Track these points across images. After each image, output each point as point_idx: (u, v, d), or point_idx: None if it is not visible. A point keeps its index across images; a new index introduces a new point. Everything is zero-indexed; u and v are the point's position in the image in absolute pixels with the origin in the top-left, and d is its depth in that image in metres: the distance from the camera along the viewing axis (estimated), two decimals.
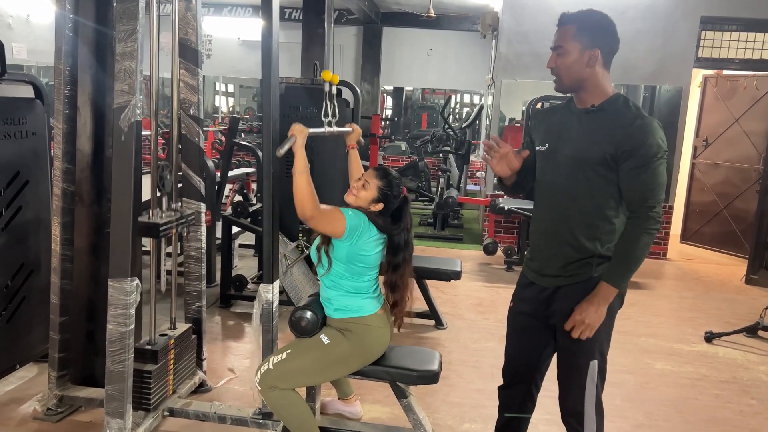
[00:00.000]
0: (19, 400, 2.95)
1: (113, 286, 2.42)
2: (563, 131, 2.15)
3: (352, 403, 2.99)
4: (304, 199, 2.32)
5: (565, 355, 2.22)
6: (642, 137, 1.99)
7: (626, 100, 2.09)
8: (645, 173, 2.00)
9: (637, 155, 1.99)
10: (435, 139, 8.81)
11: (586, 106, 2.11)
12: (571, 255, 2.13)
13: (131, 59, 2.36)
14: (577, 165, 2.07)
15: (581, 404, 2.17)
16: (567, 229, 2.13)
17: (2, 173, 2.90)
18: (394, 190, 2.46)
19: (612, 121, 2.04)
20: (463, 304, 4.84)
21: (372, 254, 2.45)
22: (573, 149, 2.09)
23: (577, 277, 2.13)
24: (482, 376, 3.57)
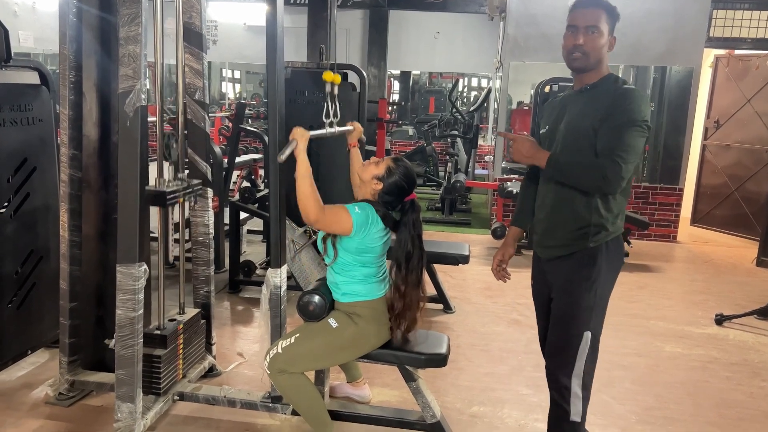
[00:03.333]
0: (31, 385, 2.98)
1: (121, 272, 2.43)
2: (561, 113, 2.25)
3: (361, 387, 3.00)
4: (307, 203, 2.31)
5: (557, 324, 2.25)
6: (622, 102, 2.06)
7: (617, 78, 2.18)
8: (617, 131, 2.03)
9: (613, 116, 2.05)
10: (442, 123, 8.76)
11: (581, 87, 2.21)
12: (569, 226, 2.18)
13: (135, 43, 2.34)
14: (571, 138, 2.15)
15: (569, 378, 2.20)
16: (565, 200, 2.18)
17: (10, 160, 2.91)
18: (401, 173, 2.44)
19: (601, 95, 2.13)
20: (471, 289, 4.83)
21: (380, 245, 2.44)
22: (567, 125, 2.18)
23: (572, 247, 2.19)
24: (491, 360, 3.57)
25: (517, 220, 2.55)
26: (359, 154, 2.79)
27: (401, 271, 2.46)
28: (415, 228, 2.48)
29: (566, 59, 2.21)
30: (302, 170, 2.33)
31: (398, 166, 2.45)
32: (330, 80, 2.64)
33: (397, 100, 12.81)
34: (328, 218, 2.35)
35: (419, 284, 2.52)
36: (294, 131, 2.36)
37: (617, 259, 2.24)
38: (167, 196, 2.59)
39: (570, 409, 2.20)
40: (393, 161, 2.47)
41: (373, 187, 2.45)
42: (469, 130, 8.01)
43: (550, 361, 2.31)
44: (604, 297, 2.21)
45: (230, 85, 13.24)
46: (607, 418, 2.97)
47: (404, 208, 2.48)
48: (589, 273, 2.17)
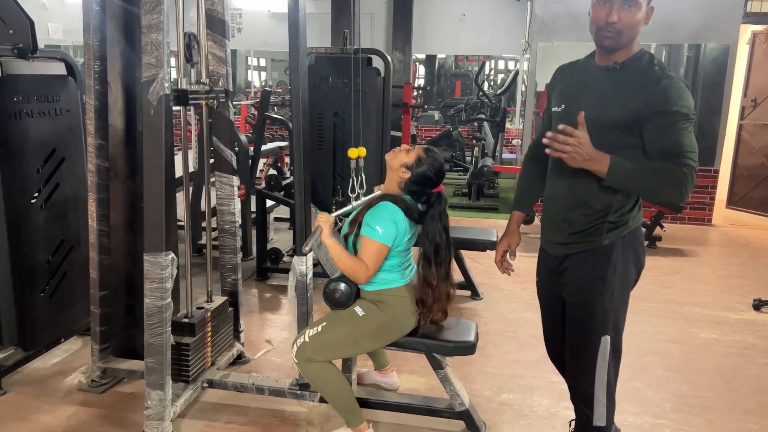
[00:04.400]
0: (65, 372, 3.03)
1: (149, 261, 2.44)
2: (581, 91, 2.01)
3: (389, 374, 2.98)
4: (354, 274, 2.36)
5: (574, 329, 2.10)
6: (670, 98, 1.83)
7: (651, 58, 1.94)
8: (676, 133, 1.82)
9: (665, 116, 1.83)
10: (469, 107, 8.64)
11: (609, 64, 1.96)
12: (580, 220, 2.02)
13: (157, 31, 2.33)
14: (595, 127, 1.88)
15: (591, 385, 2.06)
16: (579, 193, 2.00)
17: (39, 151, 2.93)
18: (430, 164, 2.40)
19: (635, 81, 1.90)
20: (499, 275, 4.71)
21: (407, 239, 2.43)
22: (591, 110, 1.90)
23: (585, 245, 2.02)
24: (520, 347, 3.52)
25: (519, 203, 2.38)
26: None
27: (430, 265, 2.43)
28: (442, 220, 2.44)
29: (595, 36, 1.95)
30: (336, 253, 2.36)
31: (428, 157, 2.41)
32: (354, 156, 2.64)
33: (423, 84, 12.70)
34: (373, 264, 2.35)
35: (448, 277, 2.49)
36: (317, 218, 2.39)
37: (636, 253, 2.04)
38: (189, 95, 2.55)
39: (593, 415, 2.08)
40: (424, 151, 2.43)
41: (400, 175, 2.41)
42: (496, 114, 7.89)
43: (569, 366, 2.18)
44: (623, 297, 2.05)
45: (256, 73, 13.26)
46: (639, 406, 2.90)
47: (430, 200, 2.44)
48: (603, 274, 1.99)
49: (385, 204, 2.39)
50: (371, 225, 2.34)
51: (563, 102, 2.06)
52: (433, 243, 2.42)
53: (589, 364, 2.05)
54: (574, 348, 2.13)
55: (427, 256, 2.43)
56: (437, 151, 2.48)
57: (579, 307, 2.06)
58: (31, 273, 2.92)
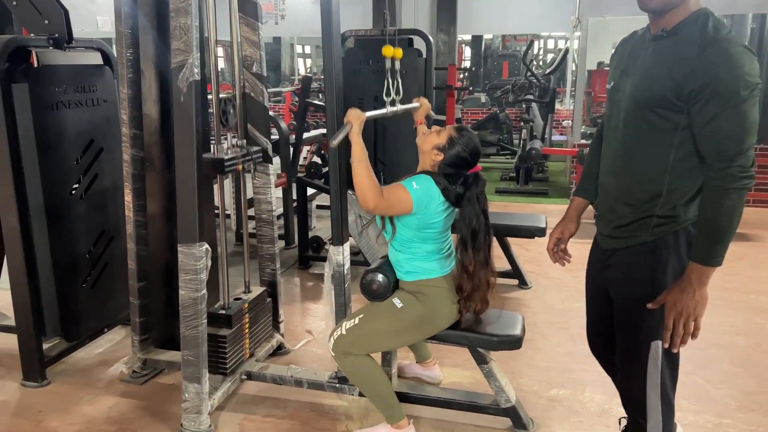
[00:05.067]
0: (108, 362, 3.04)
1: (182, 252, 2.39)
2: (629, 65, 1.80)
3: (431, 367, 2.87)
4: (364, 190, 2.17)
5: (623, 332, 1.91)
6: (713, 71, 1.56)
7: (706, 21, 1.63)
8: (720, 119, 1.58)
9: (707, 95, 1.58)
10: (516, 88, 8.37)
11: (657, 32, 1.71)
12: (625, 213, 1.81)
13: (185, 15, 2.25)
14: (636, 106, 1.71)
15: (642, 391, 1.87)
16: (624, 183, 1.81)
17: (77, 142, 2.93)
18: (464, 144, 2.25)
19: (679, 50, 1.64)
20: (549, 262, 4.48)
21: (441, 220, 2.28)
22: (632, 87, 1.73)
23: (629, 240, 1.82)
24: (571, 339, 3.34)
25: (580, 188, 2.15)
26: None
27: (467, 250, 2.29)
28: (480, 203, 2.29)
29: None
30: (357, 155, 2.19)
31: (461, 136, 2.27)
32: (390, 55, 2.47)
33: (469, 66, 12.42)
34: (387, 202, 2.20)
35: (488, 263, 2.35)
36: (348, 113, 2.22)
37: None
38: (225, 163, 2.50)
39: (647, 423, 1.89)
40: (456, 130, 2.29)
41: (433, 158, 2.28)
42: (545, 94, 7.61)
43: (619, 371, 2.01)
44: None
45: (300, 60, 13.25)
46: (701, 404, 2.71)
47: (467, 182, 2.30)
48: (651, 274, 1.78)
49: (427, 177, 2.26)
50: (409, 180, 2.25)
51: (613, 78, 1.88)
52: (470, 227, 2.28)
53: (639, 370, 1.87)
54: (622, 352, 1.95)
55: (464, 241, 2.30)
56: (470, 129, 2.33)
57: (626, 308, 1.87)
58: (72, 264, 2.93)
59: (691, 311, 1.70)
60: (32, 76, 2.67)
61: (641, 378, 1.86)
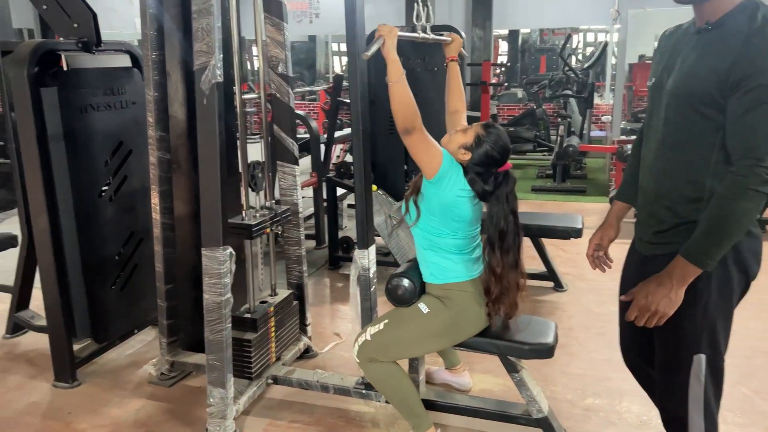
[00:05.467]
0: (138, 364, 3.05)
1: (206, 256, 2.37)
2: (671, 60, 1.69)
3: (460, 374, 2.79)
4: (404, 108, 2.04)
5: (662, 344, 1.78)
6: (758, 61, 1.44)
7: (755, 10, 1.51)
8: (756, 113, 1.45)
9: (746, 86, 1.45)
10: (553, 83, 8.16)
11: (702, 24, 1.60)
12: (666, 218, 1.70)
13: (208, 16, 2.22)
14: (677, 104, 1.61)
15: (683, 408, 1.74)
16: (664, 186, 1.70)
17: (106, 144, 2.94)
18: (493, 141, 2.15)
19: (723, 43, 1.52)
20: (586, 263, 4.34)
21: (467, 209, 2.18)
22: (673, 83, 1.62)
23: (670, 246, 1.68)
24: (608, 344, 3.21)
25: (620, 193, 2.03)
26: (458, 71, 2.53)
27: (495, 251, 2.20)
28: (509, 202, 2.19)
29: None
30: (395, 73, 2.05)
31: (489, 134, 2.17)
32: None
33: (506, 61, 12.21)
34: (425, 137, 2.08)
35: (518, 265, 2.25)
36: (380, 28, 2.09)
37: (742, 260, 1.65)
38: (253, 229, 2.53)
39: None
40: (483, 127, 2.19)
41: (460, 158, 2.19)
42: (584, 89, 7.39)
43: (658, 386, 1.87)
44: (723, 310, 1.69)
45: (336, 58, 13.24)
46: (747, 416, 2.56)
47: (497, 181, 2.20)
48: (694, 282, 1.61)
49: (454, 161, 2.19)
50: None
51: (654, 75, 1.77)
52: (498, 227, 2.18)
53: (680, 386, 1.74)
54: (662, 367, 1.83)
55: (492, 242, 2.20)
56: (498, 126, 2.24)
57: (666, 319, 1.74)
58: (101, 265, 2.95)
59: (660, 308, 1.60)
60: (61, 80, 2.68)
61: (682, 394, 1.74)
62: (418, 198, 2.22)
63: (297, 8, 11.46)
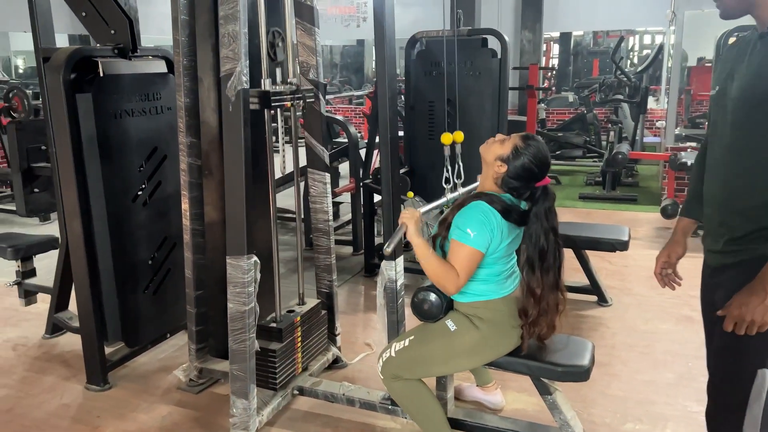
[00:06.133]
0: (168, 369, 3.05)
1: (231, 264, 2.34)
2: (735, 67, 1.62)
3: (492, 392, 2.67)
4: (442, 281, 2.06)
5: (721, 358, 1.69)
6: None
7: None
8: None
9: None
10: (604, 87, 7.89)
11: (764, 29, 1.56)
12: (739, 225, 1.61)
13: (234, 22, 2.19)
14: (744, 107, 1.56)
15: (738, 428, 1.63)
16: (734, 193, 1.62)
17: (140, 149, 2.96)
18: (531, 154, 2.04)
19: None
20: (633, 277, 4.23)
21: (503, 246, 2.09)
22: (738, 88, 1.58)
23: (744, 254, 1.60)
24: (654, 365, 3.03)
25: (688, 208, 1.96)
26: None
27: (535, 271, 2.08)
28: (549, 220, 2.07)
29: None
30: (422, 254, 2.07)
31: (528, 146, 2.06)
32: (448, 143, 2.32)
33: (557, 64, 11.94)
34: (465, 273, 2.04)
35: (557, 285, 2.12)
36: (402, 214, 2.12)
37: None
38: (272, 97, 2.37)
39: None
40: (522, 139, 2.08)
41: (495, 170, 2.08)
42: (636, 93, 7.11)
43: (711, 403, 1.75)
44: None
45: None
46: None
47: (535, 196, 2.08)
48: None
49: (478, 204, 2.06)
50: (461, 228, 2.04)
51: (717, 83, 1.71)
52: (538, 246, 2.07)
53: (737, 403, 1.62)
54: (718, 382, 1.71)
55: (531, 261, 2.09)
56: (539, 138, 2.12)
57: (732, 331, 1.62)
58: (134, 270, 2.97)
59: (757, 317, 1.50)
60: (96, 86, 2.71)
61: (739, 413, 1.63)
62: (444, 243, 2.13)
63: (345, 12, 11.50)
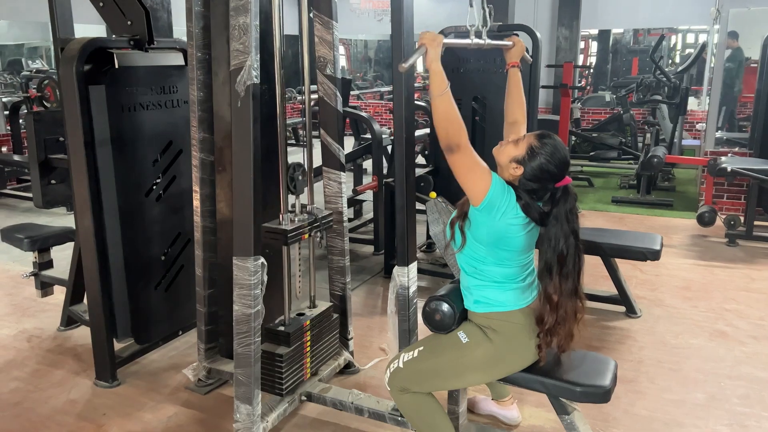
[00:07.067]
0: (178, 366, 3.00)
1: (237, 265, 2.26)
2: None
3: (508, 407, 2.54)
4: (447, 123, 1.84)
5: None
6: None
7: None
8: None
9: None
10: (641, 87, 7.61)
11: None
12: None
13: (244, 14, 2.10)
14: None
15: None
16: None
17: (155, 143, 2.91)
18: (548, 154, 1.90)
19: None
20: (665, 287, 4.03)
21: (519, 237, 1.94)
22: None
23: None
24: (683, 383, 2.86)
25: None
26: (519, 79, 2.30)
27: (553, 276, 1.95)
28: (569, 222, 1.93)
29: None
30: (438, 86, 1.85)
31: (544, 144, 1.92)
32: None
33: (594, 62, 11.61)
34: (467, 156, 1.86)
35: (576, 292, 1.98)
36: (422, 36, 1.89)
37: None
38: (288, 234, 2.36)
39: None
40: (537, 138, 1.95)
41: (511, 173, 1.96)
42: (676, 94, 6.82)
43: None
44: None
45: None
46: None
47: (555, 198, 1.95)
48: None
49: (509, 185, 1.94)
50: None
51: None
52: (557, 250, 1.92)
53: None
54: None
55: (549, 266, 1.94)
56: (555, 136, 1.97)
57: None
58: (146, 266, 2.92)
59: None
60: (109, 78, 2.66)
61: None
62: (464, 225, 2.00)
63: (377, 6, 11.39)
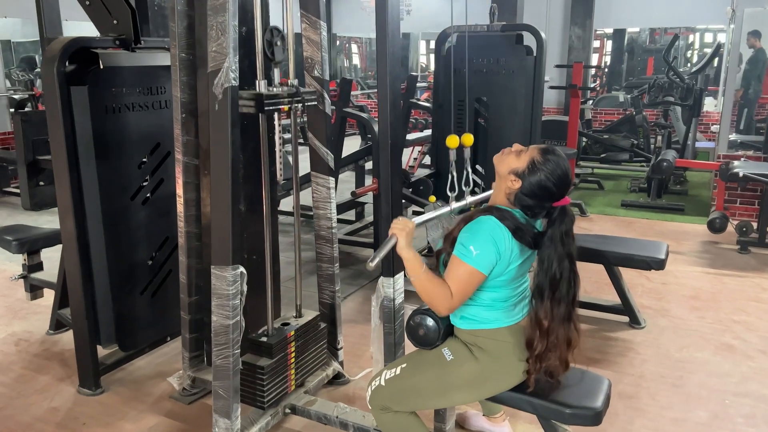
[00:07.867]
0: (164, 374, 2.93)
1: (215, 274, 2.17)
2: None
3: (500, 423, 2.44)
4: (433, 301, 1.85)
5: None
6: None
7: None
8: None
9: None
10: (654, 88, 7.43)
11: None
12: None
13: (222, 13, 2.01)
14: None
15: None
16: None
17: (141, 145, 2.83)
18: (549, 170, 1.80)
19: None
20: (672, 296, 3.89)
21: (513, 268, 1.86)
22: None
23: None
24: (685, 400, 2.74)
25: None
26: None
27: (545, 300, 1.84)
28: (565, 244, 1.82)
29: None
30: (412, 269, 1.85)
31: (546, 160, 1.82)
32: (454, 146, 2.07)
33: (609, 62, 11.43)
34: (461, 294, 1.84)
35: (570, 318, 1.88)
36: (394, 224, 1.88)
37: None
38: (265, 100, 2.15)
39: None
40: (540, 153, 1.84)
41: (509, 185, 1.85)
42: (689, 95, 6.65)
43: None
44: None
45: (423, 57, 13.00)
46: None
47: (551, 217, 1.84)
48: None
49: (488, 220, 1.84)
50: (464, 244, 1.82)
51: None
52: (549, 274, 1.83)
53: None
54: None
55: (541, 289, 1.85)
56: (560, 153, 1.87)
57: None
58: (131, 271, 2.85)
59: None
60: (93, 79, 2.58)
61: None
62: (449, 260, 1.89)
63: None
